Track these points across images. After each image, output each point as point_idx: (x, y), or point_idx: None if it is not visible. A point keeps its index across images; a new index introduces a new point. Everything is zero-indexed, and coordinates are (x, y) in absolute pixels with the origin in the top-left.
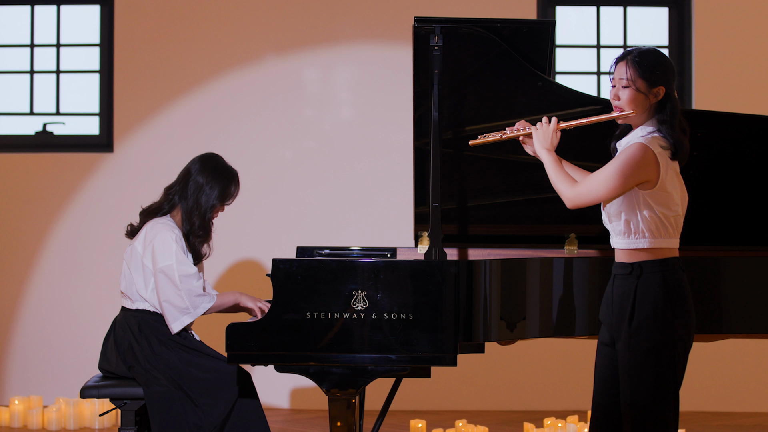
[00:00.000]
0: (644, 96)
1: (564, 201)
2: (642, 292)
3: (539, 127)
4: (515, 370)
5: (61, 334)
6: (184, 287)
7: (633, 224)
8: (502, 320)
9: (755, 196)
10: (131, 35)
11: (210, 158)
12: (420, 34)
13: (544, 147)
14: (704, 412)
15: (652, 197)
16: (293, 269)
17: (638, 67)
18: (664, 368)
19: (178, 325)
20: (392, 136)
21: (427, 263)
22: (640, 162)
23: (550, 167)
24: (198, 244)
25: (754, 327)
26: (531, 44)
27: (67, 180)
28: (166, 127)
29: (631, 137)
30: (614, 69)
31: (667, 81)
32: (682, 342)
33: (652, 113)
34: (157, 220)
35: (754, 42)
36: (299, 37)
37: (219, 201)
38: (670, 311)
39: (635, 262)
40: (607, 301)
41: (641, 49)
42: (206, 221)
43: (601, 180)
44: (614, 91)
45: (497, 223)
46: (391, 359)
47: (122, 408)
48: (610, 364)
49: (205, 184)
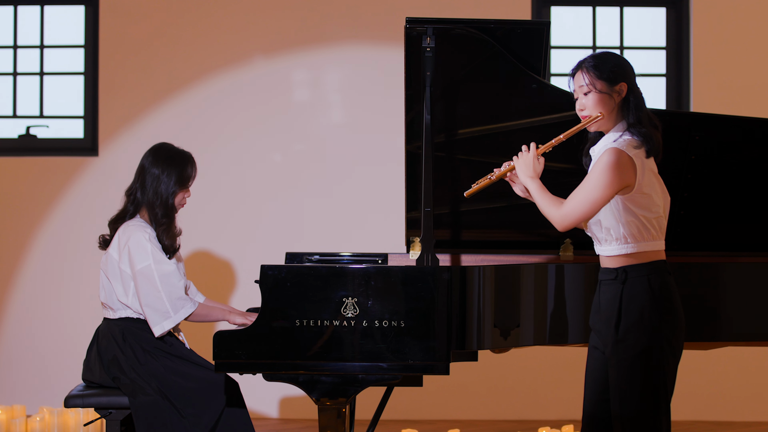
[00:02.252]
0: (608, 96)
1: (554, 225)
2: (628, 298)
3: (520, 156)
4: (509, 378)
5: (46, 341)
6: (164, 288)
7: (614, 231)
8: (496, 327)
9: (755, 201)
10: (117, 36)
11: (160, 148)
12: (412, 35)
13: (528, 176)
14: (702, 421)
15: (631, 201)
16: (282, 276)
17: (595, 70)
18: (653, 375)
19: (158, 330)
20: (383, 140)
21: (419, 269)
22: (617, 167)
23: (537, 194)
24: (162, 233)
25: (755, 334)
26: (525, 45)
27: (51, 185)
28: (153, 130)
29: (603, 144)
30: (572, 82)
31: (627, 77)
32: (670, 347)
33: (619, 114)
34: (128, 223)
35: (754, 43)
36: (288, 39)
37: (178, 186)
38: (657, 315)
39: (620, 267)
40: (595, 308)
41: (594, 54)
42: (169, 208)
43: (584, 195)
44: (578, 102)
45: (491, 228)
46: (382, 368)
47: (107, 418)
48: (601, 367)
49: (161, 173)
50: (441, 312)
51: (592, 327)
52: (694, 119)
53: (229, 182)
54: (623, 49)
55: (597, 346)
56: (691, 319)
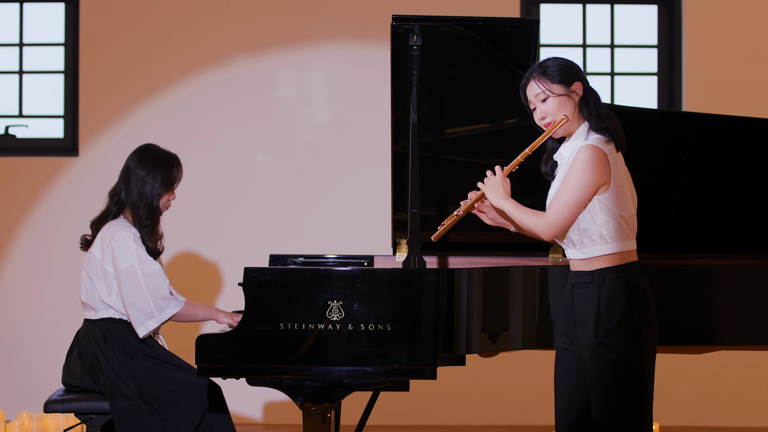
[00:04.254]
0: (567, 97)
1: (540, 235)
2: (606, 301)
3: (486, 182)
4: (498, 383)
5: (25, 344)
6: (149, 288)
7: (591, 232)
8: (484, 331)
9: (749, 202)
10: (97, 34)
11: (146, 149)
12: (398, 33)
13: (500, 197)
14: (694, 426)
15: (608, 200)
16: (266, 278)
17: (547, 76)
18: (636, 378)
19: (143, 330)
20: (369, 140)
21: (405, 272)
22: (595, 164)
23: (514, 211)
24: (147, 236)
25: (748, 338)
26: (514, 43)
27: (30, 185)
28: (134, 130)
29: (571, 146)
30: (524, 94)
31: (579, 75)
32: (650, 349)
33: (580, 114)
34: (111, 223)
35: (746, 41)
36: (272, 37)
37: (164, 188)
38: (638, 318)
39: (596, 270)
40: (566, 311)
41: (539, 63)
42: (153, 210)
43: (567, 198)
44: (537, 113)
45: (479, 230)
46: (368, 372)
47: (88, 423)
48: (575, 370)
49: (146, 175)
50: (428, 315)
51: (564, 331)
52: (686, 119)
53: (211, 183)
54: (614, 47)
55: (568, 348)
56: (682, 323)
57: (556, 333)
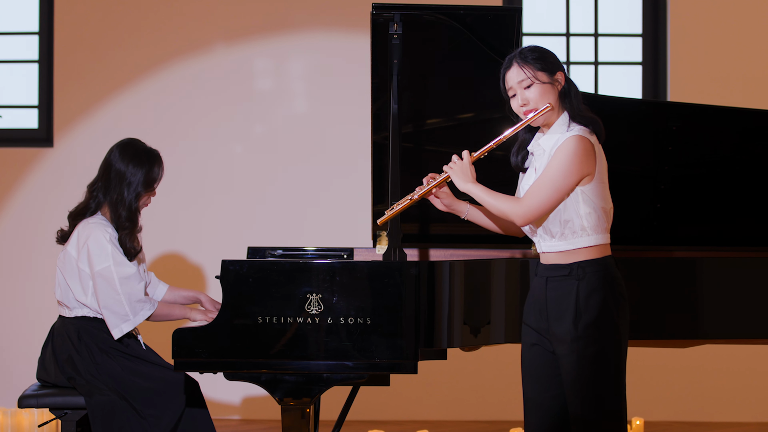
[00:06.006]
0: (551, 86)
1: (514, 220)
2: (585, 294)
3: (453, 166)
4: (480, 377)
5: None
6: (124, 290)
7: (572, 224)
8: (466, 325)
9: (735, 193)
10: (72, 23)
11: (128, 144)
12: (378, 22)
13: (467, 181)
14: (679, 422)
15: (591, 191)
16: (244, 271)
17: (533, 62)
18: (615, 371)
19: (117, 332)
20: (349, 130)
21: (385, 264)
22: (582, 154)
23: (485, 195)
24: (125, 237)
25: (734, 331)
26: (496, 32)
27: (3, 177)
28: (110, 120)
29: (554, 138)
30: (505, 78)
31: (560, 66)
32: (625, 343)
33: (560, 105)
34: (88, 221)
35: (732, 31)
36: (250, 25)
37: (144, 188)
38: (616, 311)
39: (573, 263)
40: (537, 305)
41: (522, 49)
42: (133, 212)
43: (549, 183)
44: (517, 99)
45: (461, 221)
46: (348, 366)
47: (63, 418)
48: (543, 363)
49: (126, 172)
50: (408, 308)
51: (533, 326)
52: (671, 109)
53: (188, 173)
54: (598, 36)
55: (537, 342)
56: (667, 317)
57: (523, 327)
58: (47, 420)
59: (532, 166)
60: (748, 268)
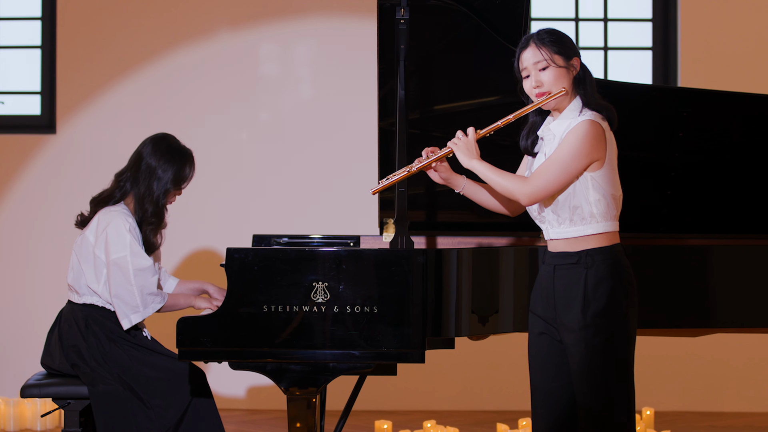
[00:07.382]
0: (566, 70)
1: (519, 199)
2: (594, 282)
3: (458, 142)
4: (488, 367)
5: (1, 329)
6: (137, 282)
7: (581, 210)
8: (474, 313)
9: (746, 180)
10: (75, 8)
11: (162, 139)
12: (385, 7)
13: (472, 158)
14: (691, 412)
15: (601, 178)
16: (249, 259)
17: (550, 45)
18: (623, 360)
19: (126, 323)
20: (356, 117)
21: (392, 252)
22: (594, 138)
23: (489, 172)
24: (150, 233)
25: (746, 320)
26: (504, 17)
27: (6, 164)
28: (113, 106)
29: (566, 123)
30: (521, 58)
31: (577, 52)
32: (634, 332)
33: (573, 90)
34: (110, 208)
35: (743, 15)
36: (255, 10)
37: (173, 185)
38: (625, 300)
39: (582, 251)
40: (545, 293)
41: (540, 30)
42: (160, 208)
43: (559, 164)
44: (530, 80)
45: (468, 209)
46: (354, 355)
47: (65, 408)
48: (551, 353)
49: (157, 167)
50: (416, 297)
51: (540, 315)
52: (681, 95)
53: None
54: (607, 21)
55: (545, 331)
56: (678, 305)
57: (530, 316)
58: (50, 410)
59: (542, 152)
60: (759, 255)
